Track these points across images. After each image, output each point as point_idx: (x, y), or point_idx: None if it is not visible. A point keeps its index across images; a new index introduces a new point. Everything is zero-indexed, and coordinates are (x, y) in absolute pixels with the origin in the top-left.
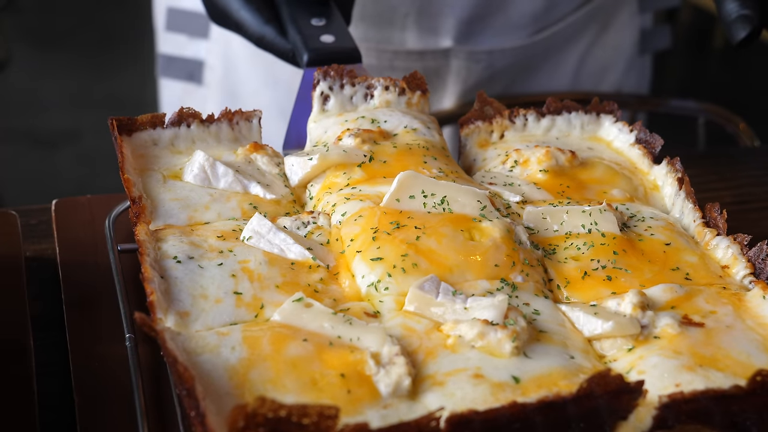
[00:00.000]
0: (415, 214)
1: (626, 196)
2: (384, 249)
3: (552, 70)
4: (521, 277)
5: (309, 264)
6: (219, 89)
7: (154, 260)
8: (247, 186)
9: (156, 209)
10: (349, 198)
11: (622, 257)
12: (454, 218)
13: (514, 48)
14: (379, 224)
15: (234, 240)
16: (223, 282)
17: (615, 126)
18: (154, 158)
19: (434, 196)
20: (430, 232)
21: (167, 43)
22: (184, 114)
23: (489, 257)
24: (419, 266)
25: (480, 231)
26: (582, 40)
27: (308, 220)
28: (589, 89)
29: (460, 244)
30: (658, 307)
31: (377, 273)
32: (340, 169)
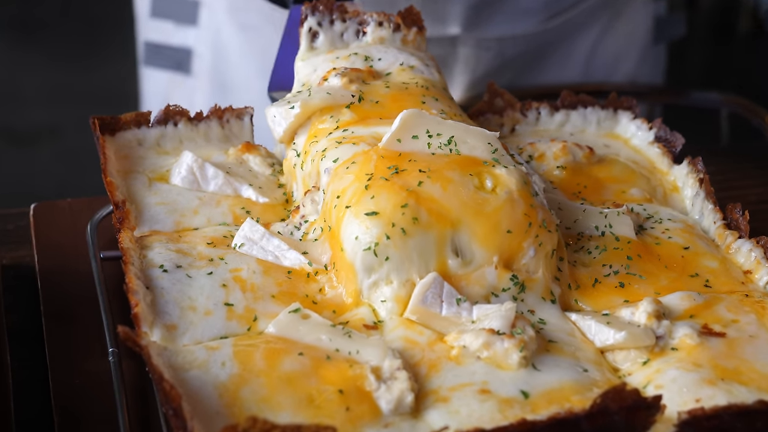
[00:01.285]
0: (418, 156)
1: (644, 196)
2: (380, 199)
3: (563, 59)
4: (533, 249)
5: (307, 272)
6: (208, 79)
7: (139, 269)
8: (238, 189)
9: (141, 214)
10: (341, 142)
11: (636, 262)
12: (463, 160)
13: (525, 35)
14: (376, 170)
15: (225, 247)
16: (213, 292)
17: (633, 123)
18: (138, 159)
19: (440, 136)
20: (435, 176)
21: (152, 31)
22: (170, 112)
23: (503, 216)
24: (420, 221)
25: (493, 177)
26: (593, 28)
27: (299, 222)
28: (601, 80)
29: (470, 193)
30: (675, 317)
31: (372, 234)
32: (325, 112)
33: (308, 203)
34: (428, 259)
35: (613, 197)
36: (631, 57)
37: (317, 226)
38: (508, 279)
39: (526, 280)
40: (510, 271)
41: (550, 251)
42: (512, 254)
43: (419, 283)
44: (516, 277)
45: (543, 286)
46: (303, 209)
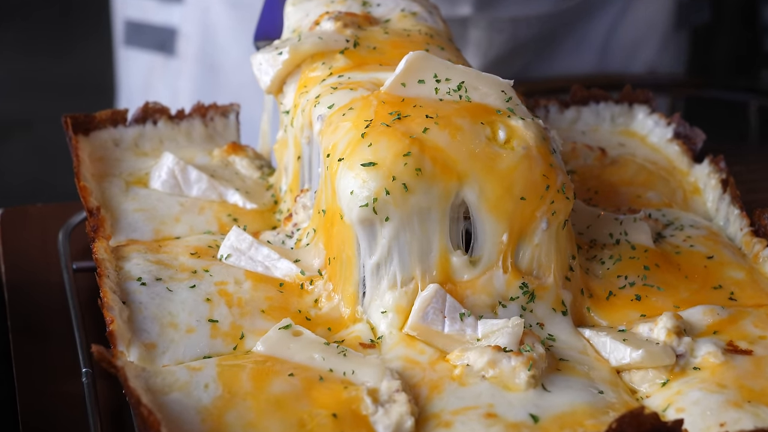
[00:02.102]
0: (424, 101)
1: (663, 200)
2: (378, 147)
3: (577, 44)
4: (546, 220)
5: (300, 283)
6: (195, 62)
7: (115, 282)
8: (223, 194)
9: (117, 222)
10: (336, 87)
11: (654, 273)
12: (474, 108)
13: (540, 16)
14: (376, 116)
15: (210, 258)
16: (195, 308)
17: (650, 118)
18: (115, 161)
19: (449, 81)
20: (443, 122)
21: (132, 7)
22: (149, 109)
23: (518, 177)
24: (424, 172)
25: (508, 128)
26: (610, 11)
27: (291, 230)
28: (619, 69)
29: (481, 145)
30: (697, 333)
31: (370, 188)
32: (316, 59)
33: (300, 210)
34: (431, 235)
35: (628, 202)
36: (650, 44)
37: (310, 230)
38: (517, 287)
39: (537, 288)
40: (520, 277)
41: (562, 221)
42: (523, 226)
43: (419, 296)
44: (526, 285)
45: (554, 295)
46: (295, 216)
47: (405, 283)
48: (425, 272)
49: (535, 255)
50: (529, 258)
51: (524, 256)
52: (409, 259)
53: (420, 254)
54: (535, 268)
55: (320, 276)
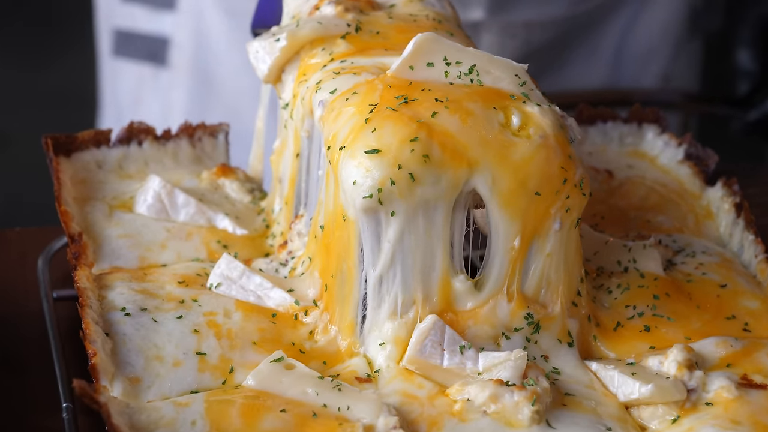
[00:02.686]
0: (433, 85)
1: (673, 225)
2: (383, 132)
3: (590, 53)
4: (559, 220)
5: (295, 313)
6: (188, 73)
7: (98, 313)
8: (212, 218)
9: (100, 248)
10: (339, 72)
11: (664, 302)
12: (486, 92)
13: (554, 20)
14: (381, 100)
15: (199, 287)
16: (183, 339)
17: (660, 138)
18: (98, 184)
19: (460, 65)
20: (453, 107)
21: (120, 16)
22: (134, 129)
23: (534, 169)
24: (432, 158)
25: (522, 114)
26: (622, 15)
27: (286, 258)
28: (631, 81)
29: (494, 131)
30: (709, 366)
31: (374, 177)
32: (316, 45)
33: (295, 237)
34: (435, 245)
35: (637, 228)
36: (663, 52)
37: (305, 258)
38: (522, 317)
39: (542, 318)
40: (525, 306)
41: (575, 219)
42: (536, 226)
43: (417, 328)
44: (531, 316)
45: (560, 325)
46: (290, 244)
47: (405, 309)
48: (427, 296)
49: (545, 271)
50: (538, 276)
51: (533, 274)
52: (412, 274)
53: (423, 270)
54: (543, 288)
55: (315, 306)
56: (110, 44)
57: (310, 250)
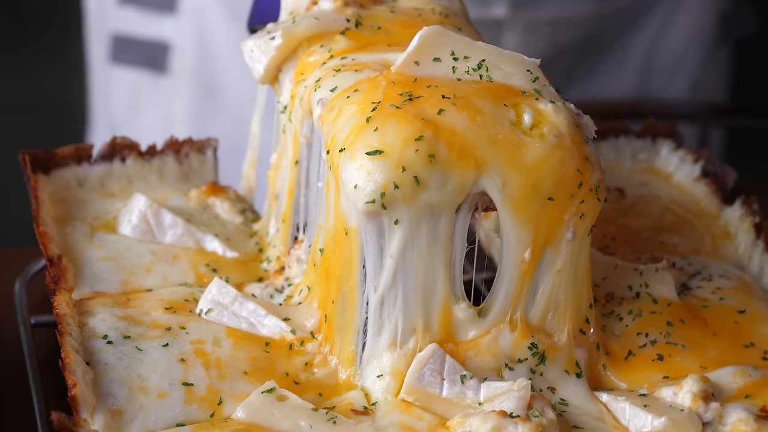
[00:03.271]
0: (440, 81)
1: (689, 247)
2: (386, 131)
3: (619, 59)
4: (571, 230)
5: (290, 342)
6: (190, 80)
7: (78, 341)
8: (201, 240)
9: (81, 272)
10: (339, 70)
11: (678, 329)
12: (496, 88)
13: (581, 19)
14: (385, 97)
15: (187, 313)
16: (168, 369)
17: (675, 154)
18: (79, 203)
19: (468, 60)
20: (461, 103)
21: (117, 20)
22: (117, 145)
23: (547, 171)
24: (438, 158)
25: (535, 112)
26: (653, 20)
27: (282, 284)
28: (659, 91)
29: (504, 130)
30: (726, 397)
31: (377, 180)
32: (314, 42)
33: (294, 264)
34: (437, 264)
35: (650, 250)
36: (693, 57)
37: (303, 287)
38: (525, 347)
39: (548, 348)
40: (529, 336)
41: (588, 227)
42: (549, 233)
43: (416, 357)
44: (535, 346)
45: (566, 355)
46: (288, 270)
47: (405, 339)
48: (427, 324)
49: (554, 291)
50: (546, 298)
51: (541, 295)
52: (414, 294)
53: (424, 292)
54: (551, 312)
55: (313, 338)
56: (104, 50)
57: (309, 279)
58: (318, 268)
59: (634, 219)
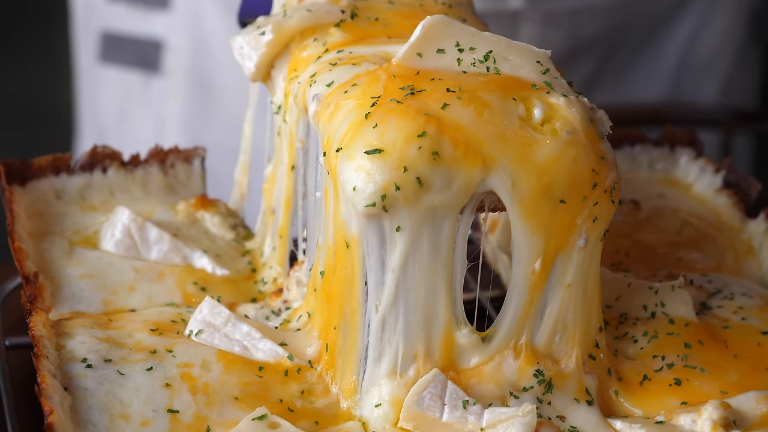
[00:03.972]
0: (444, 74)
1: (709, 263)
2: (386, 128)
3: (652, 56)
4: (584, 236)
5: (285, 368)
6: (185, 81)
7: (56, 364)
8: (189, 256)
9: (59, 290)
10: (336, 63)
11: (697, 351)
12: (504, 81)
13: (604, 9)
14: (385, 91)
15: (174, 335)
16: (152, 395)
17: (695, 163)
18: (57, 217)
19: (474, 51)
20: (467, 97)
21: (107, 17)
22: (98, 154)
23: (560, 172)
24: (442, 156)
25: (546, 107)
26: (690, 15)
27: (279, 307)
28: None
29: (513, 126)
30: (749, 424)
31: (376, 181)
32: (307, 36)
33: (293, 286)
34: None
35: (667, 266)
36: (725, 59)
37: (303, 313)
38: (531, 374)
39: (554, 376)
40: (534, 363)
41: (601, 232)
42: (561, 240)
43: (417, 381)
44: (541, 373)
45: (575, 383)
46: (287, 293)
47: (406, 366)
48: (428, 351)
49: (562, 309)
50: (554, 317)
51: (549, 314)
52: (415, 315)
53: (425, 313)
54: (558, 334)
55: (310, 368)
56: (92, 49)
57: (309, 305)
58: (319, 293)
59: (650, 233)
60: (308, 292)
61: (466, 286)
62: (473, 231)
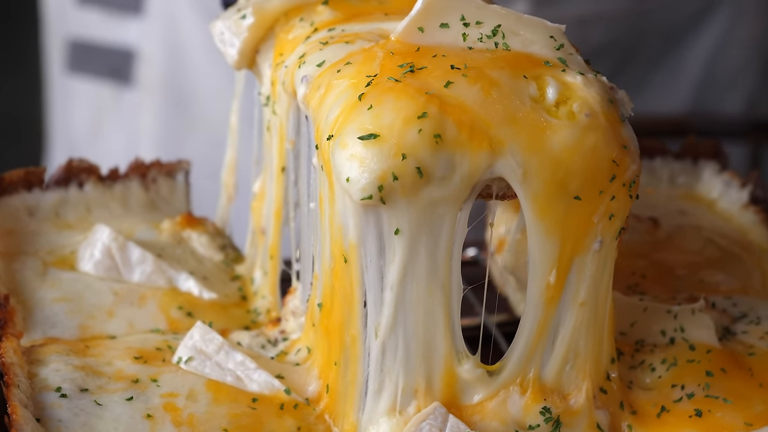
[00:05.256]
0: (449, 50)
1: (734, 285)
2: (382, 109)
3: (672, 69)
4: (599, 238)
5: (282, 402)
6: (159, 92)
7: (28, 394)
8: (174, 278)
9: (31, 314)
10: (327, 42)
11: (719, 380)
12: (514, 58)
13: (613, 17)
14: (382, 70)
15: (160, 363)
16: (132, 427)
17: (719, 178)
18: (29, 236)
19: (481, 25)
20: (473, 75)
21: (77, 24)
22: (74, 168)
23: (579, 160)
24: (444, 139)
25: (561, 86)
26: (712, 27)
27: (276, 337)
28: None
29: (525, 108)
30: None
31: (372, 170)
32: (292, 16)
33: (290, 317)
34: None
35: (688, 288)
36: (752, 70)
37: (302, 347)
38: (537, 412)
39: (563, 413)
40: (541, 399)
41: (617, 230)
42: (577, 242)
43: (416, 415)
44: (548, 410)
45: (585, 419)
46: (284, 323)
47: (405, 402)
48: (429, 385)
49: (575, 333)
50: (566, 345)
51: (561, 340)
52: (414, 345)
53: (425, 343)
54: (569, 363)
55: (308, 406)
56: (62, 58)
57: (308, 339)
58: (318, 328)
59: (670, 253)
60: (306, 325)
61: (472, 310)
62: (479, 251)
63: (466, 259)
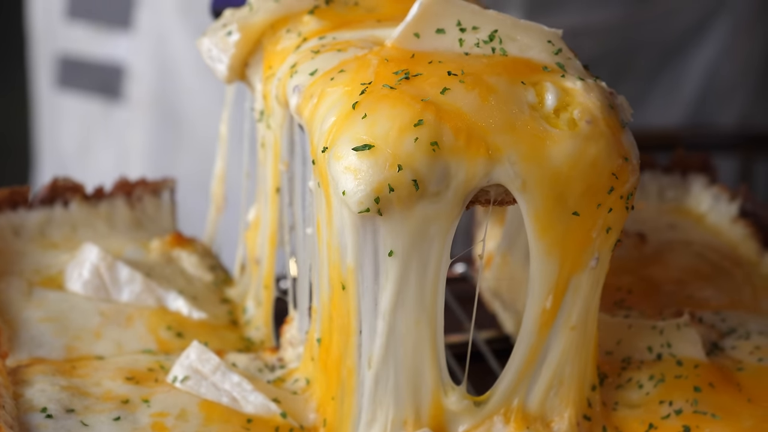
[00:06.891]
0: (445, 56)
1: (724, 300)
2: (377, 118)
3: (669, 85)
4: (596, 256)
5: (277, 425)
6: (149, 109)
7: (13, 415)
8: (163, 298)
9: (16, 335)
10: (319, 51)
11: (708, 396)
12: (512, 63)
13: (608, 26)
14: (377, 77)
15: (152, 383)
16: None
17: (709, 191)
18: (14, 256)
19: (477, 30)
20: (470, 81)
21: (69, 39)
22: (59, 187)
23: (580, 172)
24: (441, 147)
25: (560, 91)
26: (709, 42)
27: (274, 363)
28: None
29: (523, 116)
30: None
31: (368, 182)
32: (278, 28)
33: (288, 347)
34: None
35: (675, 304)
36: (746, 87)
37: (300, 378)
38: None
39: None
40: (524, 429)
41: (612, 243)
42: (575, 259)
43: None
44: None
45: None
46: (283, 352)
47: None
48: (418, 417)
49: (561, 361)
50: (552, 370)
51: (548, 364)
52: (404, 378)
53: (414, 373)
54: (554, 390)
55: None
56: (50, 75)
57: (306, 370)
58: (316, 362)
59: (658, 269)
60: (305, 357)
61: (460, 326)
62: (468, 267)
63: (455, 276)
